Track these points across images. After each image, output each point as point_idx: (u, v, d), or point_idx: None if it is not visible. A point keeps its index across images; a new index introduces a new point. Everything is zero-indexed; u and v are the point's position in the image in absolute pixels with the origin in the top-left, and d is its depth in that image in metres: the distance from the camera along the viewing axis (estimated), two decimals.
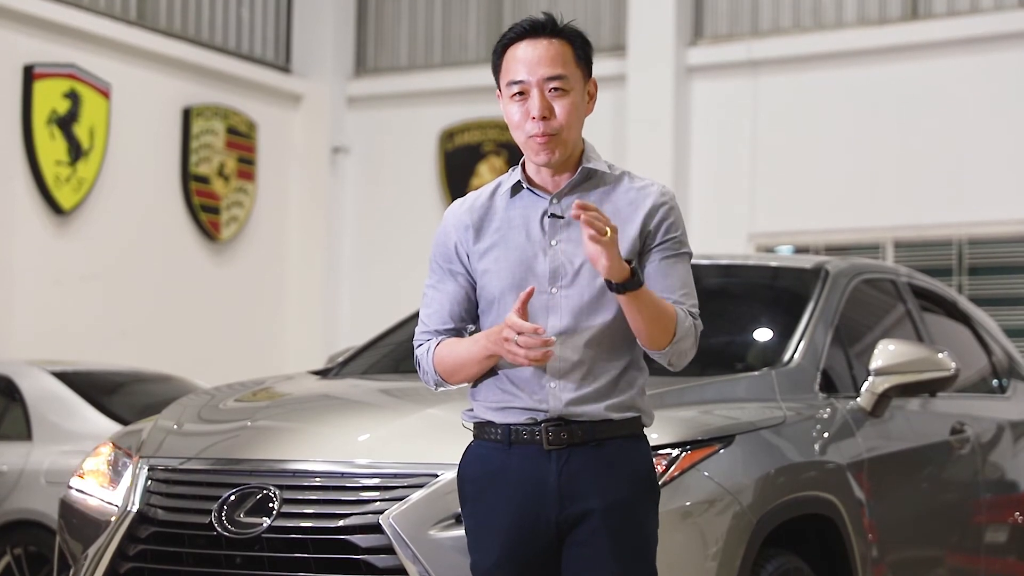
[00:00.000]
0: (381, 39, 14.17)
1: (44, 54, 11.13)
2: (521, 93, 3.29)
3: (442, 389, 3.41)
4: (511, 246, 3.31)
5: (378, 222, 13.75)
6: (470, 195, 3.44)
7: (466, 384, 3.38)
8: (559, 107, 3.27)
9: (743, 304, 5.57)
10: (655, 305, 3.21)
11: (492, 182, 3.45)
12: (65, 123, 11.22)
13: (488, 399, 3.32)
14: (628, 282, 3.14)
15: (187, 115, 12.48)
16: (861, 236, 11.99)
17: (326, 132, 13.69)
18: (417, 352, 3.41)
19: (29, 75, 10.97)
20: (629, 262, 3.16)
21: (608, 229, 3.08)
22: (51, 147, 11.10)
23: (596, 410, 3.25)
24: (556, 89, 3.27)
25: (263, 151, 13.28)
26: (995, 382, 6.33)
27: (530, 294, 3.15)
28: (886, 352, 5.07)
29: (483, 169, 13.27)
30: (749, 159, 12.29)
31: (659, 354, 3.28)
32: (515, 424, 3.27)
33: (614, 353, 3.28)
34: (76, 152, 11.29)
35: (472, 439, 3.39)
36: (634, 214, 3.30)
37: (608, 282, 3.16)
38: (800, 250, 12.13)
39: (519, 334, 3.11)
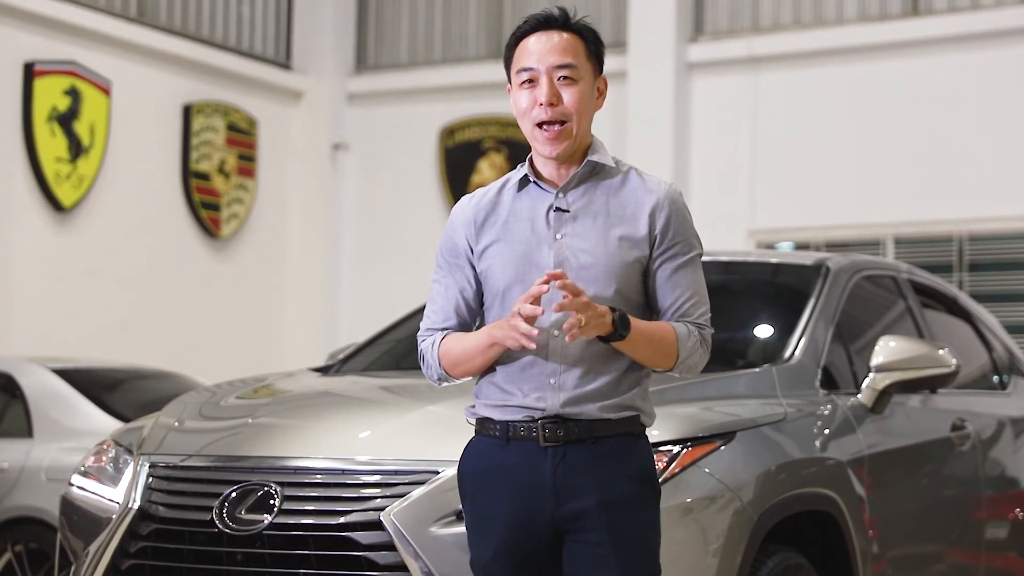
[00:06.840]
0: (381, 36, 14.17)
1: (44, 51, 11.13)
2: (530, 81, 3.30)
3: (444, 384, 3.41)
4: (515, 240, 3.31)
5: (378, 219, 13.75)
6: (478, 191, 3.44)
7: (468, 379, 3.38)
8: (567, 95, 3.28)
9: (744, 301, 5.56)
10: (650, 339, 3.22)
11: (501, 178, 3.46)
12: (65, 120, 11.21)
13: (489, 397, 3.32)
14: (611, 336, 3.16)
15: (187, 112, 12.47)
16: (862, 232, 11.99)
17: (326, 129, 13.68)
18: (421, 346, 3.41)
19: (30, 72, 10.97)
20: (614, 310, 3.16)
21: (583, 318, 3.08)
22: (51, 144, 11.10)
23: (592, 410, 3.25)
24: (565, 78, 3.28)
25: (263, 148, 13.28)
26: (996, 378, 6.33)
27: (543, 286, 3.14)
28: (887, 348, 5.07)
29: (483, 166, 13.24)
30: (749, 155, 12.28)
31: (667, 374, 3.30)
32: (513, 421, 3.28)
33: (617, 352, 3.26)
34: (76, 149, 11.29)
35: (473, 435, 3.39)
36: (640, 212, 3.30)
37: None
38: (801, 246, 12.12)
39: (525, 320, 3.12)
